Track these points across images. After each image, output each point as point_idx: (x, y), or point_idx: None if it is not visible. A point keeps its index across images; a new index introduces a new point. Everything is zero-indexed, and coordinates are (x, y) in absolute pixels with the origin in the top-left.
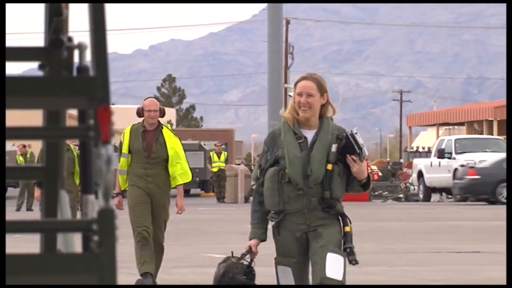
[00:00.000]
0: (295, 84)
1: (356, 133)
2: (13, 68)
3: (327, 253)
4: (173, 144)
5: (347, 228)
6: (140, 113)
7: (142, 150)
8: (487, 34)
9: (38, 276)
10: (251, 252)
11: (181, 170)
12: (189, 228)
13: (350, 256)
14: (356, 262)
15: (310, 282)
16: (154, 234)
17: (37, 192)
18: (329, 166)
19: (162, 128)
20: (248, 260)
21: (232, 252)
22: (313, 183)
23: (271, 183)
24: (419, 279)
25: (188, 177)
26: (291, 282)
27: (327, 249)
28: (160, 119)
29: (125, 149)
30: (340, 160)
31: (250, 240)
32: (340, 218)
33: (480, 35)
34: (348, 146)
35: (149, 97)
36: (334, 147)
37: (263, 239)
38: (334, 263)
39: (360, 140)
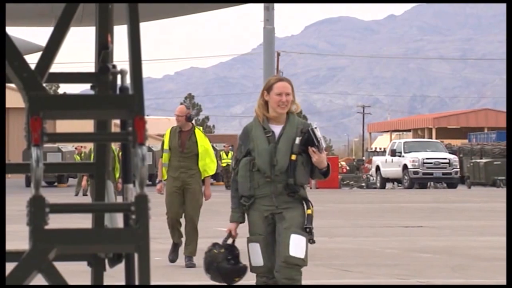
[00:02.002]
0: (271, 85)
1: (315, 128)
2: (72, 88)
3: (290, 234)
4: (203, 142)
5: (309, 211)
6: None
7: (178, 146)
8: (427, 63)
9: (90, 245)
10: (231, 235)
11: (209, 164)
12: (205, 209)
13: (309, 235)
14: (313, 242)
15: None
16: (189, 216)
17: (84, 181)
18: (293, 157)
19: (195, 129)
20: (230, 242)
21: (213, 244)
22: (278, 172)
23: (244, 171)
24: (377, 247)
25: (213, 170)
26: (259, 256)
27: (291, 231)
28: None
29: (166, 146)
30: (304, 151)
31: (230, 222)
32: (303, 202)
33: (422, 64)
34: (309, 139)
35: (181, 104)
36: (297, 140)
37: (241, 221)
38: (297, 243)
39: (318, 134)
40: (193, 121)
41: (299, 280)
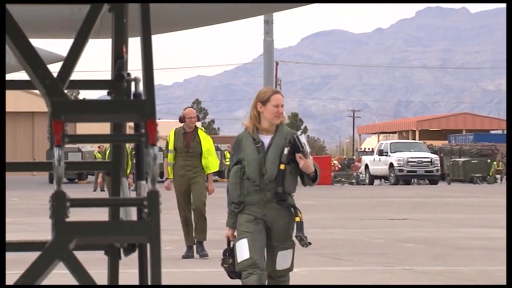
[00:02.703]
0: (268, 97)
1: (300, 135)
2: (91, 94)
3: (277, 252)
4: (206, 142)
5: (297, 219)
6: (182, 119)
7: (183, 146)
8: (411, 72)
9: (107, 236)
10: (229, 241)
11: (211, 162)
12: (211, 203)
13: (301, 242)
14: (309, 244)
15: (265, 256)
16: (197, 208)
17: (100, 180)
18: (282, 166)
19: (198, 130)
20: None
21: (223, 256)
22: (267, 180)
23: (234, 178)
24: (366, 237)
25: (216, 167)
26: (246, 250)
27: (278, 249)
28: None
29: (171, 147)
30: (293, 160)
31: (227, 226)
32: (292, 210)
33: (406, 73)
34: (295, 146)
35: (188, 107)
36: (286, 150)
37: (236, 226)
38: (283, 259)
39: (303, 140)
40: (199, 123)
41: (287, 282)
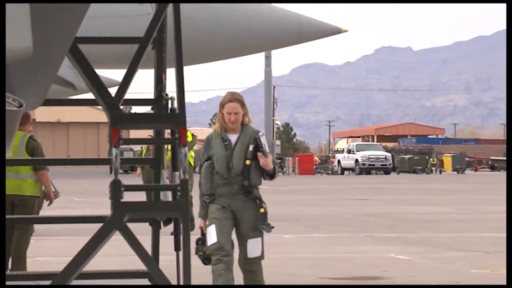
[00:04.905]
0: (224, 104)
1: (261, 135)
2: (140, 109)
3: (247, 239)
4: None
5: (262, 210)
6: None
7: None
8: (370, 93)
9: (150, 212)
10: (203, 231)
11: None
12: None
13: (265, 229)
14: (271, 228)
15: (236, 247)
16: None
17: (138, 171)
18: (247, 162)
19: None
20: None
21: (196, 245)
22: (234, 174)
23: (205, 173)
24: (338, 212)
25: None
26: (213, 235)
27: (248, 236)
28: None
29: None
30: (256, 156)
31: (199, 217)
32: (257, 201)
33: (368, 94)
34: (257, 145)
35: None
36: (251, 147)
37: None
38: (253, 246)
39: (263, 141)
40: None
41: (259, 269)
